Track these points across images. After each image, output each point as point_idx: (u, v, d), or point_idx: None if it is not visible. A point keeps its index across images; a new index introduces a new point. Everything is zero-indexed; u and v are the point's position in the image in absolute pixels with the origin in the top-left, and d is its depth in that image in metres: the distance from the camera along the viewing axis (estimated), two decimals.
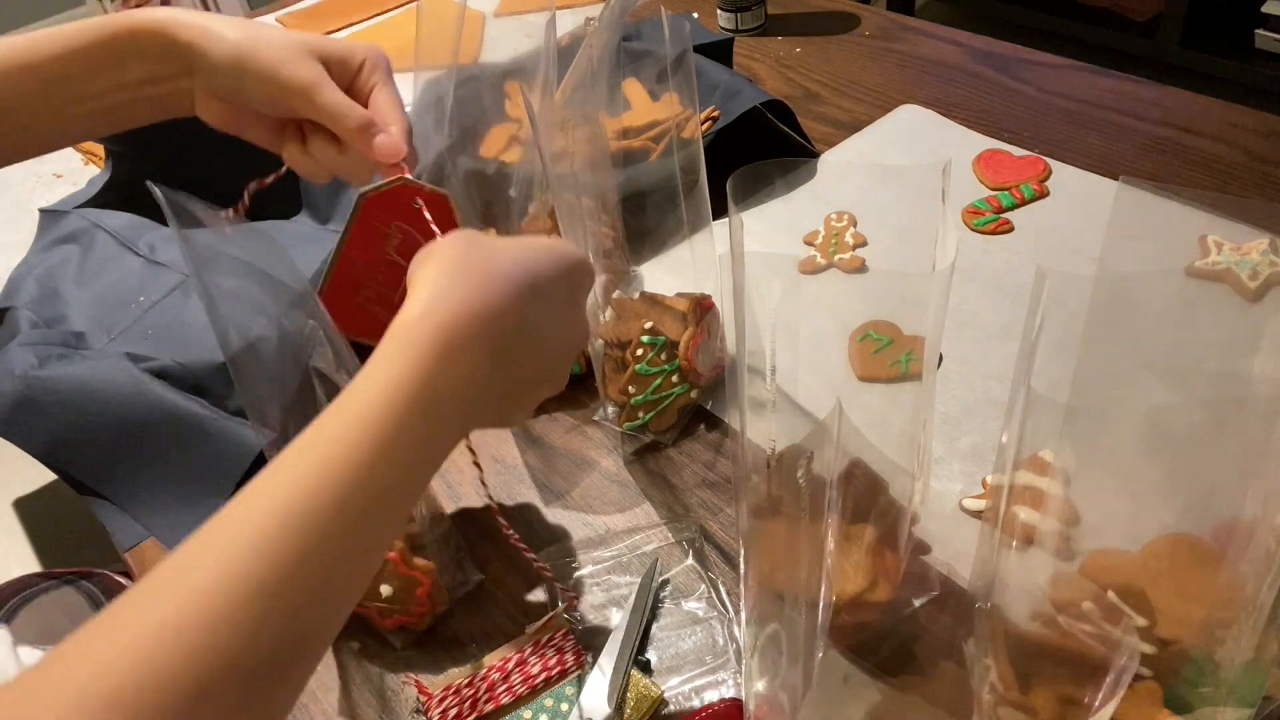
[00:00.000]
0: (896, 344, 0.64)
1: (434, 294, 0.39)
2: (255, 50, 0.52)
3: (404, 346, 0.37)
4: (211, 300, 0.50)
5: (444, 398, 0.37)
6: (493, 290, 0.39)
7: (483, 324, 0.39)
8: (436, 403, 0.37)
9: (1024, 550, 0.44)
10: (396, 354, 0.37)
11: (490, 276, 0.40)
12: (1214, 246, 0.70)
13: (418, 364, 0.37)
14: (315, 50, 0.53)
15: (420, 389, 0.36)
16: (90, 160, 1.10)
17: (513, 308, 0.40)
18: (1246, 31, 1.96)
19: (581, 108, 0.61)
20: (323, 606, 0.34)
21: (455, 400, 0.38)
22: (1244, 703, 0.42)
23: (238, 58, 0.52)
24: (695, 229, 0.68)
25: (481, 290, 0.39)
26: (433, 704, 0.52)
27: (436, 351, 0.37)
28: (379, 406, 0.36)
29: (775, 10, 1.20)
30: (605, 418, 0.67)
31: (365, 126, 0.53)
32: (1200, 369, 0.44)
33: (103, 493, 0.66)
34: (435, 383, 0.37)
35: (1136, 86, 0.96)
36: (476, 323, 0.38)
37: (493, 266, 0.40)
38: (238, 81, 0.53)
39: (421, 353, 0.37)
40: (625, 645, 0.53)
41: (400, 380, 0.36)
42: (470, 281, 0.39)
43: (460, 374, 0.38)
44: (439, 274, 0.40)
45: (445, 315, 0.38)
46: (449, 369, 0.37)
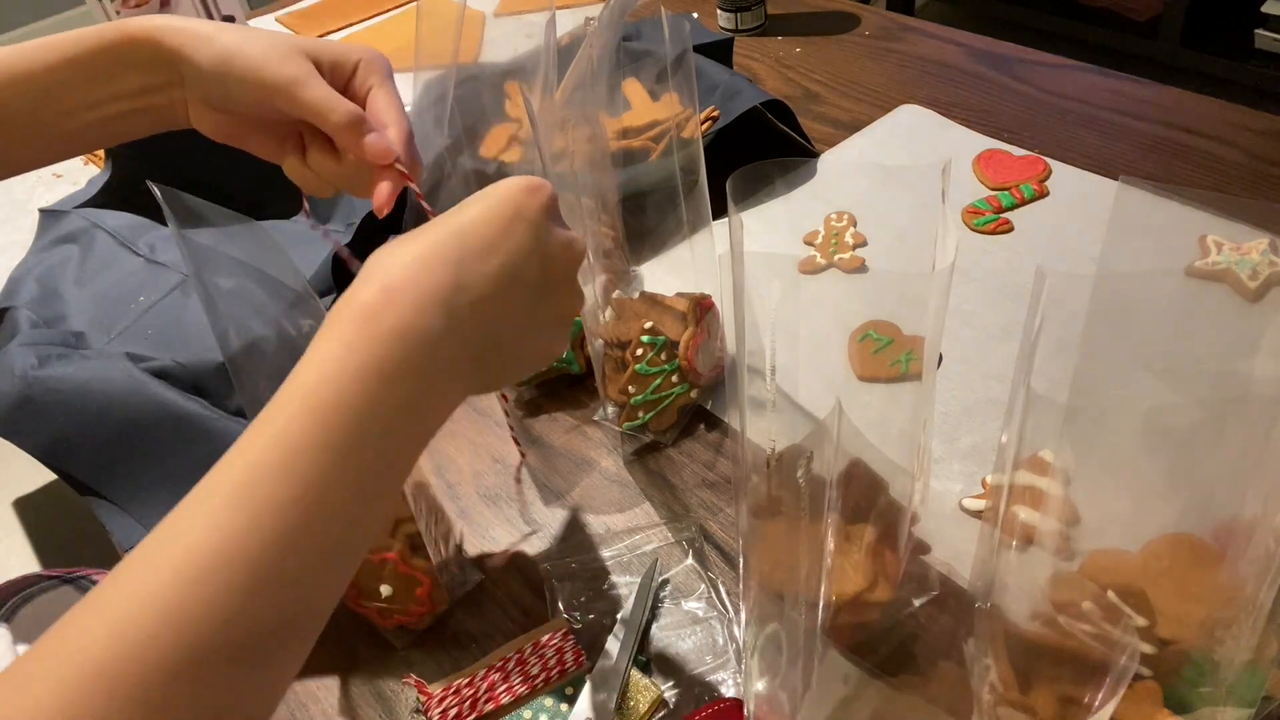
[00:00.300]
0: (896, 344, 0.64)
1: (362, 277, 0.38)
2: (240, 51, 0.51)
3: (332, 330, 0.36)
4: (211, 300, 0.50)
5: (390, 373, 0.36)
6: (435, 253, 0.38)
7: (421, 280, 0.37)
8: (380, 380, 0.35)
9: (1024, 550, 0.44)
10: (326, 338, 0.36)
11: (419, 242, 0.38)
12: (1214, 246, 0.70)
13: (352, 346, 0.36)
14: (305, 50, 0.52)
15: (361, 371, 0.35)
16: (90, 160, 1.10)
17: (445, 261, 0.38)
18: (1246, 31, 1.96)
19: (581, 108, 0.61)
20: (309, 579, 0.34)
21: (409, 369, 0.36)
22: (1244, 703, 0.42)
23: (224, 59, 0.51)
24: (695, 229, 0.68)
25: (419, 259, 0.38)
26: (433, 704, 0.52)
27: (369, 327, 0.36)
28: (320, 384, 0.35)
29: (775, 10, 1.20)
30: (605, 418, 0.67)
31: (354, 123, 0.51)
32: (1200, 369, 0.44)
33: (103, 493, 0.66)
34: (378, 356, 0.36)
35: (1136, 86, 0.96)
36: (412, 280, 0.37)
37: (425, 234, 0.39)
38: (223, 85, 0.52)
39: (354, 331, 0.36)
40: (625, 645, 0.53)
41: (340, 362, 0.35)
42: (404, 250, 0.38)
43: (408, 339, 0.36)
44: (375, 256, 0.39)
45: (375, 288, 0.37)
46: (390, 343, 0.36)
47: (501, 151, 0.79)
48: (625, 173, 0.73)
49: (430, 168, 0.75)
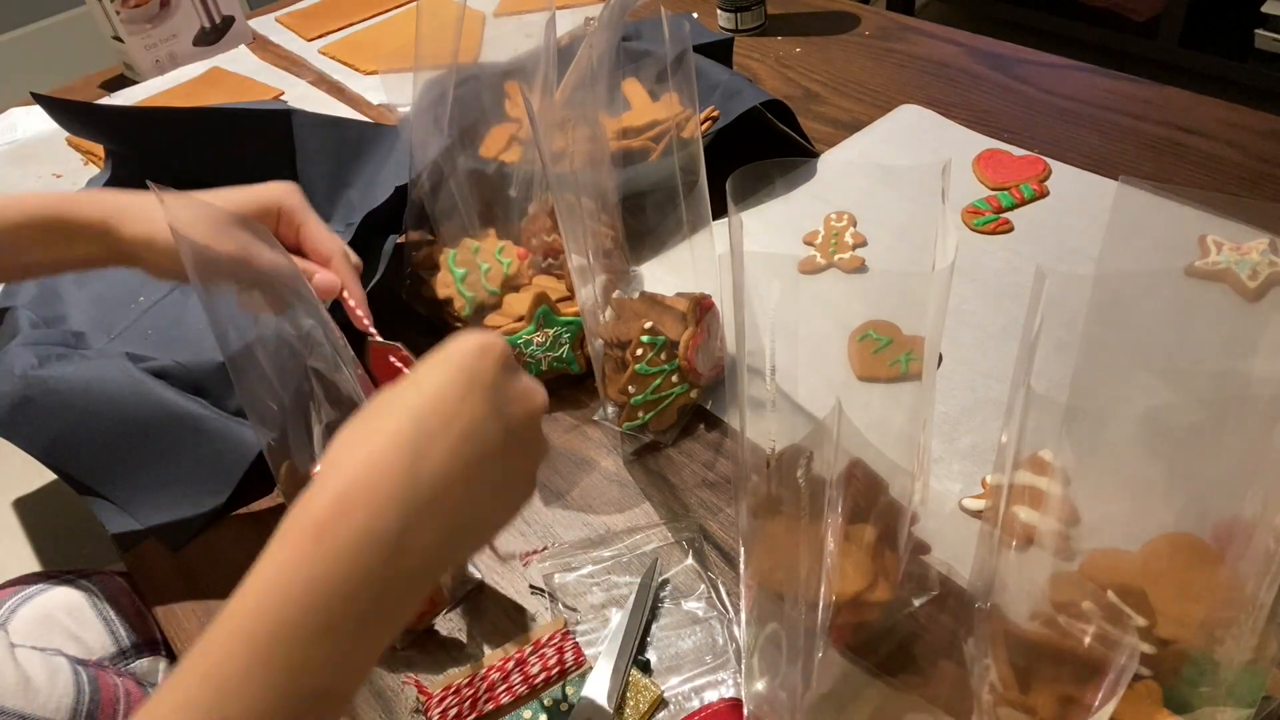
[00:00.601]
0: (896, 344, 0.64)
1: (311, 489, 0.36)
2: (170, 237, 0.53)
3: (275, 551, 0.35)
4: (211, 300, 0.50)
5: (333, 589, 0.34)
6: (373, 461, 0.36)
7: (362, 502, 0.35)
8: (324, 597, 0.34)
9: (1024, 550, 0.44)
10: (269, 558, 0.35)
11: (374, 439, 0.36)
12: (1214, 246, 0.70)
13: (292, 568, 0.34)
14: (233, 217, 0.53)
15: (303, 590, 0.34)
16: (90, 160, 1.10)
17: (401, 464, 0.36)
18: (1246, 31, 1.96)
19: (581, 108, 0.61)
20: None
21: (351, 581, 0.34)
22: (1243, 702, 0.42)
23: (165, 245, 0.55)
24: (695, 229, 0.68)
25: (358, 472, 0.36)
26: (433, 704, 0.52)
27: (308, 551, 0.34)
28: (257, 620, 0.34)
29: (775, 10, 1.20)
30: (605, 418, 0.67)
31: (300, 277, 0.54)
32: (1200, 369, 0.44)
33: (103, 493, 0.66)
34: (317, 579, 0.34)
35: (1136, 86, 0.96)
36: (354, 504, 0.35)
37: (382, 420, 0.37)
38: (171, 262, 0.55)
39: (295, 555, 0.35)
40: (625, 645, 0.53)
41: (279, 586, 0.34)
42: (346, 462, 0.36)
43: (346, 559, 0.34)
44: (325, 462, 0.37)
45: (314, 512, 0.35)
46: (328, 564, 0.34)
47: (501, 151, 0.79)
48: (625, 173, 0.73)
49: (430, 168, 0.75)
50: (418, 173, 0.76)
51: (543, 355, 0.69)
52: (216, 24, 1.32)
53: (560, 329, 0.69)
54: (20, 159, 1.12)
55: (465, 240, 0.76)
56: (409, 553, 0.36)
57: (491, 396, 0.39)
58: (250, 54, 1.31)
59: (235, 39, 1.33)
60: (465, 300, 0.72)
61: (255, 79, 1.23)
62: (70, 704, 0.56)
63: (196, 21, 1.30)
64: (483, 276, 0.73)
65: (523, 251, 0.74)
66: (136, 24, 1.25)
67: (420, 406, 0.37)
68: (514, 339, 0.68)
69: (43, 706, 0.55)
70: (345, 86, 1.19)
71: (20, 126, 1.19)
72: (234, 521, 0.65)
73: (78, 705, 0.56)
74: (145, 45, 1.27)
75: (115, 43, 1.28)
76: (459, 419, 0.37)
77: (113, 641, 0.65)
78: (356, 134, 0.91)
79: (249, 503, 0.66)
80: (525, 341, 0.68)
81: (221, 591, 0.61)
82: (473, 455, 0.38)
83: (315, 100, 1.16)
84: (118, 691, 0.59)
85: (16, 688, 0.55)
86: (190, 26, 1.30)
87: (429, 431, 0.37)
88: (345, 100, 1.16)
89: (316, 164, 0.91)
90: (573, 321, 0.69)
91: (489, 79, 0.79)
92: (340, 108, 1.13)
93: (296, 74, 1.24)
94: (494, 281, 0.72)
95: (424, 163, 0.75)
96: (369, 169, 0.89)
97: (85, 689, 0.57)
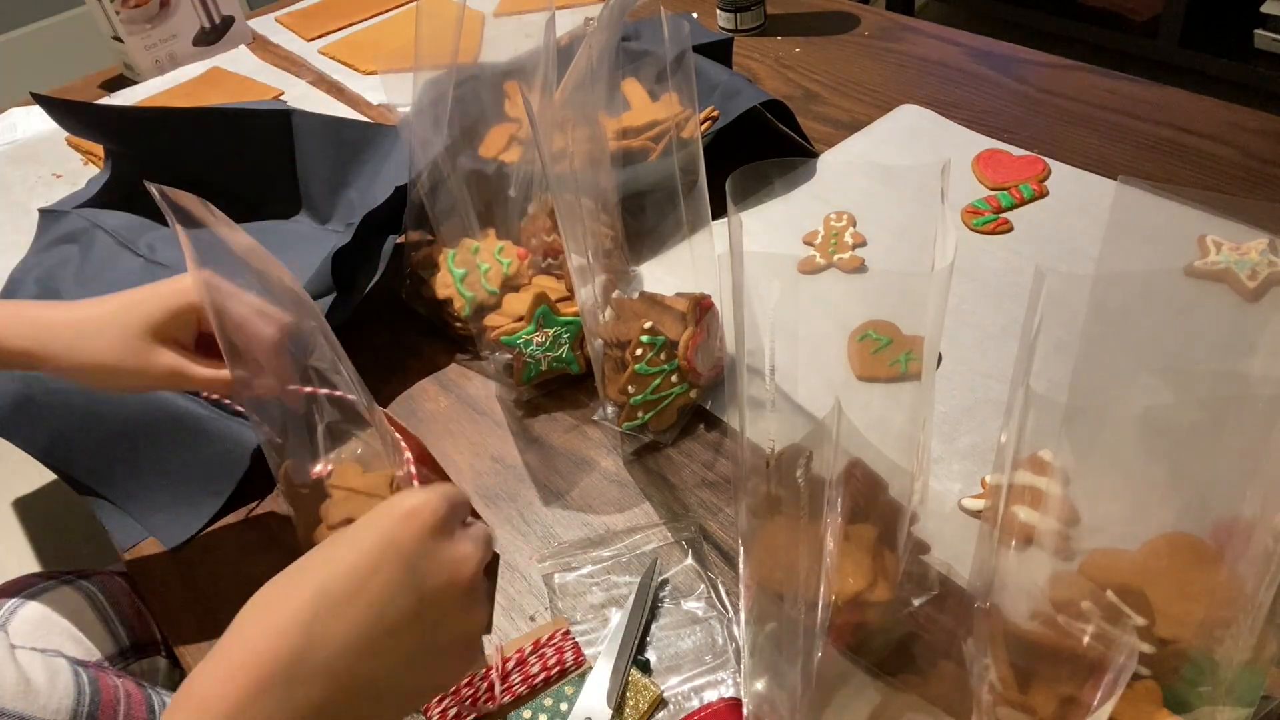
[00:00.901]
0: (896, 344, 0.64)
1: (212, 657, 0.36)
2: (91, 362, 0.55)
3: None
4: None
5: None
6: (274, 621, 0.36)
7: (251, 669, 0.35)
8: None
9: (1023, 550, 0.44)
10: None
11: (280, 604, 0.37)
12: (1213, 246, 0.70)
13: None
14: (154, 330, 0.55)
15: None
16: (90, 160, 1.10)
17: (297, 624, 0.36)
18: (1246, 31, 1.96)
19: (581, 108, 0.61)
20: None
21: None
22: (1242, 702, 0.42)
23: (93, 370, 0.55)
24: (695, 229, 0.68)
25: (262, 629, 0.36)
26: (432, 704, 0.52)
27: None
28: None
29: (775, 10, 1.20)
30: (605, 418, 0.67)
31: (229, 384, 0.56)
32: (1199, 369, 0.44)
33: (103, 493, 0.66)
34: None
35: (1136, 86, 0.96)
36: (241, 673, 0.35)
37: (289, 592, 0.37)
38: (101, 384, 0.56)
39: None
40: (625, 645, 0.53)
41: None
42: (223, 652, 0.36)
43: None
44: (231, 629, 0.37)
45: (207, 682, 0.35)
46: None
47: (501, 151, 0.79)
48: (625, 173, 0.73)
49: (430, 168, 0.75)
50: (418, 173, 0.76)
51: (542, 355, 0.69)
52: (216, 24, 1.32)
53: (560, 329, 0.69)
54: (20, 159, 1.12)
55: (465, 240, 0.76)
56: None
57: (406, 566, 0.38)
58: (250, 54, 1.31)
59: (235, 39, 1.33)
60: (465, 300, 0.72)
61: (255, 79, 1.23)
62: (70, 705, 0.56)
63: (196, 21, 1.30)
64: (482, 276, 0.73)
65: (522, 251, 0.74)
66: (136, 24, 1.25)
67: (328, 578, 0.37)
68: (514, 339, 0.68)
69: (43, 708, 0.55)
70: (345, 86, 1.19)
71: (20, 126, 1.19)
72: (234, 521, 0.66)
73: (78, 707, 0.56)
74: (145, 45, 1.27)
75: (115, 43, 1.28)
76: (365, 589, 0.37)
77: (113, 642, 0.65)
78: (356, 134, 0.91)
79: (249, 503, 0.66)
80: (525, 341, 0.68)
81: (221, 591, 0.61)
82: (376, 629, 0.37)
83: (315, 100, 1.16)
84: (118, 693, 0.59)
85: (17, 689, 0.55)
86: (190, 26, 1.30)
87: (330, 602, 0.36)
88: (345, 100, 1.16)
89: (316, 164, 0.91)
90: (572, 321, 0.69)
91: (489, 79, 0.79)
92: (340, 108, 1.14)
93: (296, 74, 1.24)
94: (494, 281, 0.72)
95: (424, 163, 0.75)
96: (369, 169, 0.89)
97: (85, 690, 0.57)
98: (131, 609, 0.68)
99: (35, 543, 1.46)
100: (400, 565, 0.38)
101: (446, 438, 0.70)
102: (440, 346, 0.78)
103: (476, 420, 0.71)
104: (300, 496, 0.60)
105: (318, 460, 0.58)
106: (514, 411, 0.71)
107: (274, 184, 0.92)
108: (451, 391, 0.74)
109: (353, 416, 0.56)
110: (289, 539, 0.61)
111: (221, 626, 0.37)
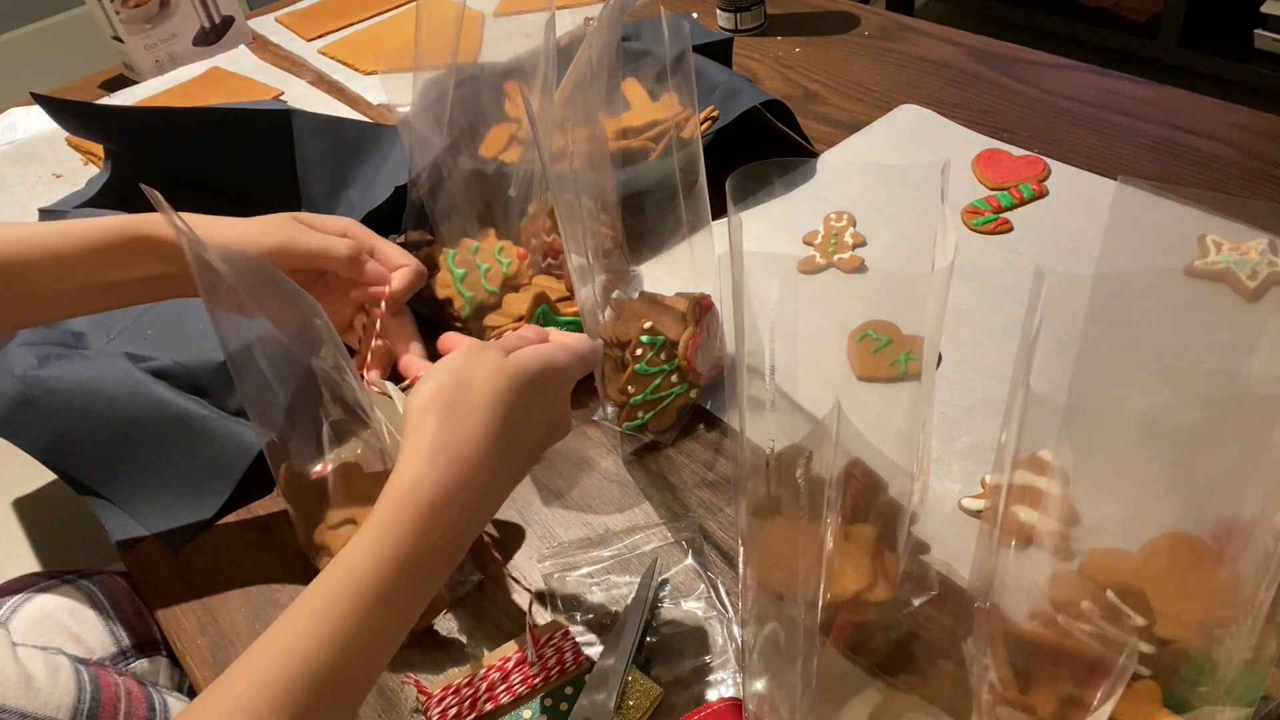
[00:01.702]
0: (895, 344, 0.64)
1: (420, 471, 0.44)
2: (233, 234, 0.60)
3: (395, 518, 0.44)
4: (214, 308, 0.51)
5: (428, 556, 0.44)
6: (469, 458, 0.45)
7: (460, 490, 0.45)
8: (421, 561, 0.44)
9: (1023, 550, 0.44)
10: (390, 524, 0.43)
11: (468, 440, 0.45)
12: (1213, 246, 0.70)
13: (406, 536, 0.43)
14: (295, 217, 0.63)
15: (409, 554, 0.43)
16: (90, 160, 1.10)
17: (486, 463, 0.46)
18: (1246, 31, 1.96)
19: (581, 108, 0.61)
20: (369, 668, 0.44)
21: (440, 551, 0.45)
22: (1242, 702, 0.42)
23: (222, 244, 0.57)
24: (695, 229, 0.68)
25: (459, 463, 0.45)
26: (432, 704, 0.52)
27: (422, 524, 0.43)
28: (375, 571, 0.42)
29: (775, 10, 1.20)
30: (605, 418, 0.67)
31: (355, 255, 0.63)
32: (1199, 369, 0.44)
33: (103, 493, 0.66)
34: (421, 547, 0.44)
35: (1136, 86, 0.96)
36: (455, 492, 0.44)
37: (469, 423, 0.46)
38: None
39: (410, 526, 0.43)
40: (625, 645, 0.53)
41: (394, 548, 0.43)
42: (449, 453, 0.45)
43: (443, 534, 0.44)
44: (427, 447, 0.45)
45: (427, 493, 0.44)
46: (432, 536, 0.44)
47: (501, 151, 0.79)
48: (625, 173, 0.73)
49: (430, 168, 0.75)
50: (417, 173, 0.76)
51: None
52: (216, 24, 1.32)
53: (560, 329, 0.69)
54: (20, 159, 1.12)
55: (465, 240, 0.76)
56: (478, 526, 0.49)
57: (545, 406, 0.51)
58: (250, 54, 1.31)
59: (235, 39, 1.33)
60: (465, 300, 0.72)
61: (255, 79, 1.23)
62: (71, 703, 0.56)
63: (196, 21, 1.30)
64: (482, 276, 0.73)
65: (522, 251, 0.74)
66: (136, 24, 1.25)
67: (504, 419, 0.47)
68: None
69: (44, 705, 0.55)
70: (345, 86, 1.19)
71: (20, 126, 1.19)
72: (234, 521, 0.66)
73: (79, 704, 0.56)
74: (145, 45, 1.27)
75: (115, 43, 1.28)
76: (526, 429, 0.49)
77: (113, 641, 0.65)
78: (356, 134, 0.91)
79: (249, 503, 0.66)
80: None
81: (221, 591, 0.61)
82: (530, 454, 0.51)
83: (315, 100, 1.16)
84: (119, 690, 0.59)
85: (18, 686, 0.55)
86: (190, 27, 1.30)
87: (507, 441, 0.47)
88: (345, 100, 1.16)
89: (316, 164, 0.91)
90: (573, 321, 0.69)
91: (489, 79, 0.79)
92: (340, 108, 1.14)
93: (296, 74, 1.24)
94: (494, 281, 0.72)
95: (424, 163, 0.75)
96: (369, 169, 0.89)
97: (86, 688, 0.57)
98: (131, 609, 0.68)
99: (35, 543, 1.46)
100: (544, 406, 0.51)
101: None
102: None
103: None
104: (300, 496, 0.60)
105: (318, 460, 0.58)
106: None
107: (274, 184, 0.92)
108: None
109: (354, 416, 0.56)
110: (289, 539, 0.61)
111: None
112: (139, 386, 0.66)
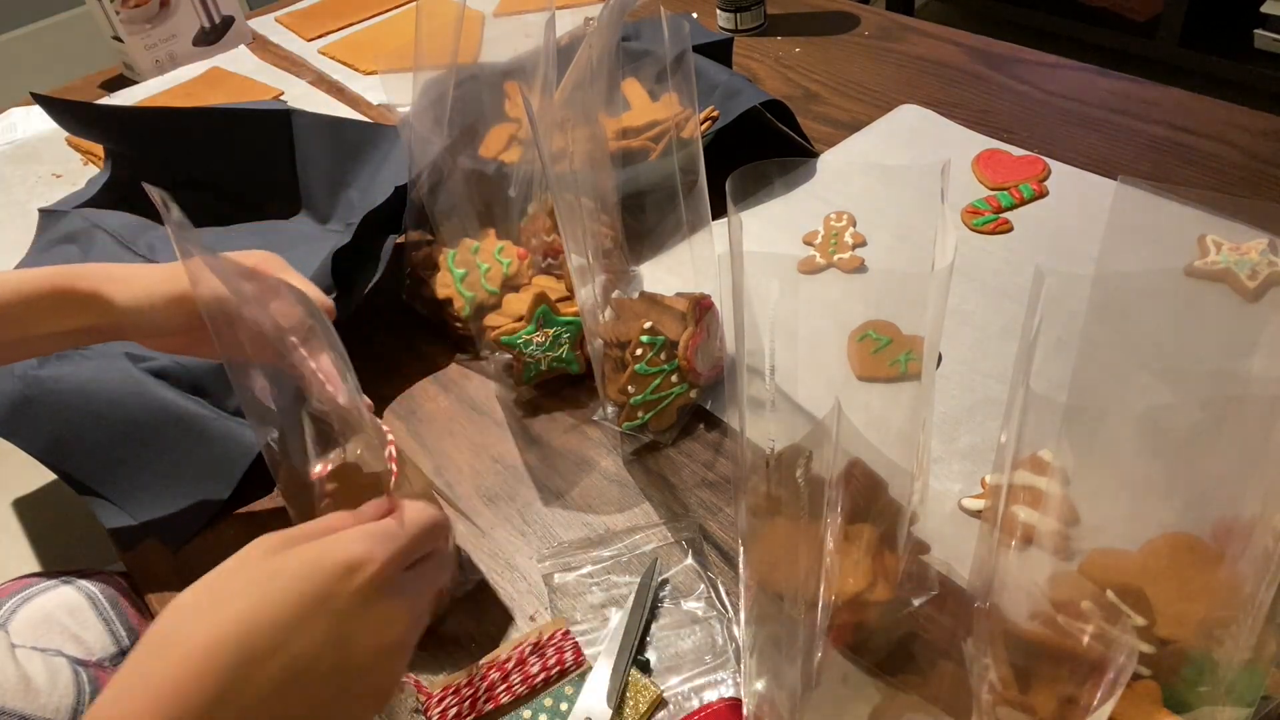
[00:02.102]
0: (895, 344, 0.64)
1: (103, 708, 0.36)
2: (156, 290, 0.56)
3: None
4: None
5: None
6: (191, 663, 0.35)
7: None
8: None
9: (1023, 550, 0.44)
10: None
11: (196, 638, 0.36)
12: (1213, 246, 0.70)
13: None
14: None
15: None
16: (90, 160, 1.10)
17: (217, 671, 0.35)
18: (1246, 31, 1.96)
19: (581, 108, 0.61)
20: None
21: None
22: (1242, 702, 0.42)
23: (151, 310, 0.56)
24: (695, 229, 0.68)
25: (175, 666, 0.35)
26: (432, 704, 0.52)
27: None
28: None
29: (775, 10, 1.20)
30: (605, 417, 0.67)
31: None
32: (1199, 369, 0.44)
33: (102, 493, 0.66)
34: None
35: (1136, 86, 0.96)
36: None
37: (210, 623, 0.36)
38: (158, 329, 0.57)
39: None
40: (625, 645, 0.53)
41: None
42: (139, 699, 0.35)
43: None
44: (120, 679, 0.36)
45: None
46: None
47: (501, 151, 0.79)
48: (625, 173, 0.73)
49: (430, 168, 0.75)
50: (417, 173, 0.76)
51: (542, 355, 0.69)
52: (216, 24, 1.32)
53: (560, 329, 0.69)
54: (20, 159, 1.12)
55: (465, 240, 0.76)
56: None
57: (335, 624, 0.37)
58: (250, 54, 1.31)
59: (235, 39, 1.33)
60: (465, 300, 0.72)
61: (255, 79, 1.23)
62: (71, 704, 0.56)
63: (196, 21, 1.30)
64: (482, 276, 0.73)
65: (522, 251, 0.74)
66: (136, 24, 1.25)
67: (252, 628, 0.36)
68: (514, 339, 0.68)
69: (43, 707, 0.55)
70: (345, 86, 1.19)
71: (20, 126, 1.19)
72: (234, 521, 0.66)
73: (78, 706, 0.56)
74: (145, 45, 1.27)
75: (115, 43, 1.28)
76: (290, 644, 0.36)
77: (113, 641, 0.65)
78: (356, 134, 0.91)
79: (249, 503, 0.66)
80: (525, 341, 0.68)
81: None
82: (293, 686, 0.36)
83: (315, 100, 1.16)
84: None
85: (17, 688, 0.55)
86: (190, 26, 1.30)
87: (251, 658, 0.35)
88: (345, 100, 1.16)
89: (316, 164, 0.91)
90: (572, 321, 0.69)
91: (489, 79, 0.79)
92: (340, 108, 1.14)
93: (296, 74, 1.24)
94: (494, 281, 0.72)
95: (424, 163, 0.75)
96: (369, 169, 0.89)
97: (85, 689, 0.57)
98: (131, 609, 0.68)
99: (35, 543, 1.46)
100: (329, 625, 0.37)
101: (446, 438, 0.70)
102: (440, 346, 0.78)
103: (476, 420, 0.71)
104: (300, 496, 0.60)
105: (317, 460, 0.58)
106: (514, 411, 0.71)
107: (274, 184, 0.92)
108: (451, 391, 0.74)
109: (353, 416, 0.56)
110: None
111: None
112: (139, 386, 0.66)
